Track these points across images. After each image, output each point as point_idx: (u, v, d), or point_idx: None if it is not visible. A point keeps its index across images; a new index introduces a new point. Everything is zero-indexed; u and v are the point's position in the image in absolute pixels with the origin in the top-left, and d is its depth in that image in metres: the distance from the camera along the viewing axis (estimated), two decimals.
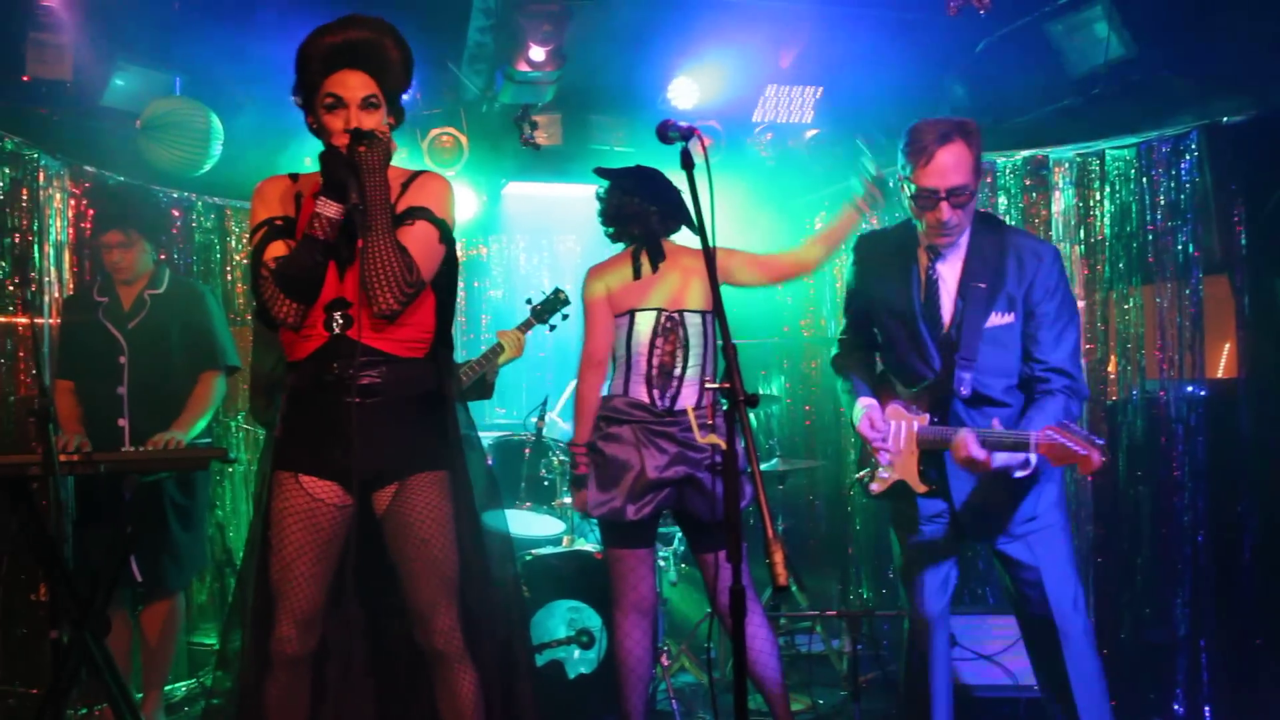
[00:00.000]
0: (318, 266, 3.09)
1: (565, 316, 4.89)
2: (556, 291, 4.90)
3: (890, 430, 3.60)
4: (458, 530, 3.29)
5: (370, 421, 3.16)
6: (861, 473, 3.80)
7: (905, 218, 3.61)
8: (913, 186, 3.38)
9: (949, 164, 3.32)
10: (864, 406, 3.62)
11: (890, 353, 3.69)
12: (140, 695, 4.68)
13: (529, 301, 4.88)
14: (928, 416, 3.51)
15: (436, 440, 3.31)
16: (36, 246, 5.21)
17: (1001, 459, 3.24)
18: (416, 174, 3.32)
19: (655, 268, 4.10)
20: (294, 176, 3.28)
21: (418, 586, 3.23)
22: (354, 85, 3.11)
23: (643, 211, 4.15)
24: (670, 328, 4.06)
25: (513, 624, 3.51)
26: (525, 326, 4.83)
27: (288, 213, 3.19)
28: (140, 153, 5.55)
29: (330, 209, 3.03)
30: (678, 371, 4.04)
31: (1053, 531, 3.53)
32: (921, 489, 3.53)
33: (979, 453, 3.22)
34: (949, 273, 3.49)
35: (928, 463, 3.52)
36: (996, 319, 3.41)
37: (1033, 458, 3.23)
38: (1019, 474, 3.31)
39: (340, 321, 3.13)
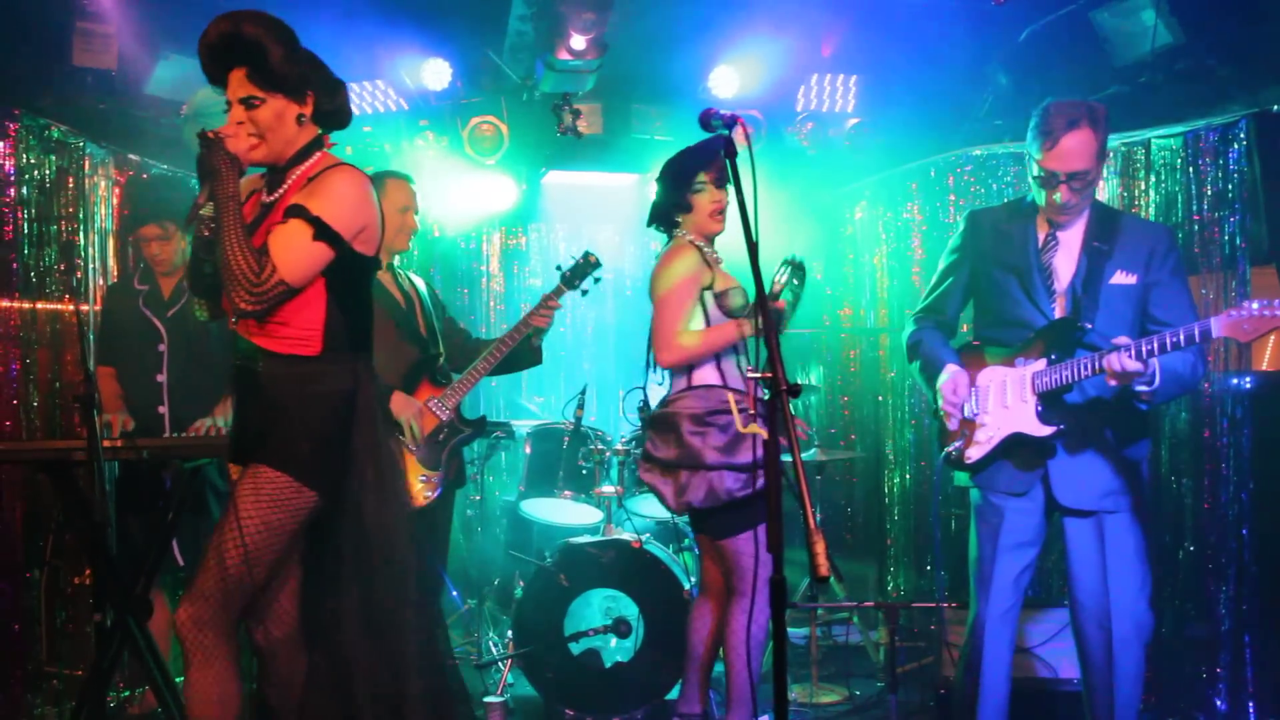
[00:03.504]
0: (199, 263, 3.11)
1: (597, 280, 4.78)
2: (586, 255, 4.79)
3: (989, 391, 3.70)
4: (335, 546, 3.17)
5: (251, 412, 3.16)
6: (950, 446, 3.81)
7: (1014, 196, 3.86)
8: (1038, 168, 3.60)
9: (1072, 149, 3.52)
10: (950, 372, 3.74)
11: (992, 314, 3.82)
12: (181, 679, 4.71)
13: (559, 268, 4.78)
14: (1044, 361, 3.59)
15: (296, 442, 3.14)
16: (82, 234, 5.26)
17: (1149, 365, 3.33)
18: (327, 169, 3.19)
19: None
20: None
21: None
22: (233, 84, 3.09)
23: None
24: None
25: (400, 638, 3.29)
26: (555, 294, 4.73)
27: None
28: (185, 141, 5.55)
29: (208, 208, 3.03)
30: None
31: (1127, 518, 3.60)
32: (1045, 430, 3.57)
33: (1135, 365, 3.28)
34: (1070, 237, 3.69)
35: (1048, 405, 3.58)
36: (1120, 277, 3.60)
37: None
38: (1140, 387, 3.37)
39: (234, 319, 3.12)
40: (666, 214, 4.15)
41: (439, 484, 4.39)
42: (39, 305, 5.05)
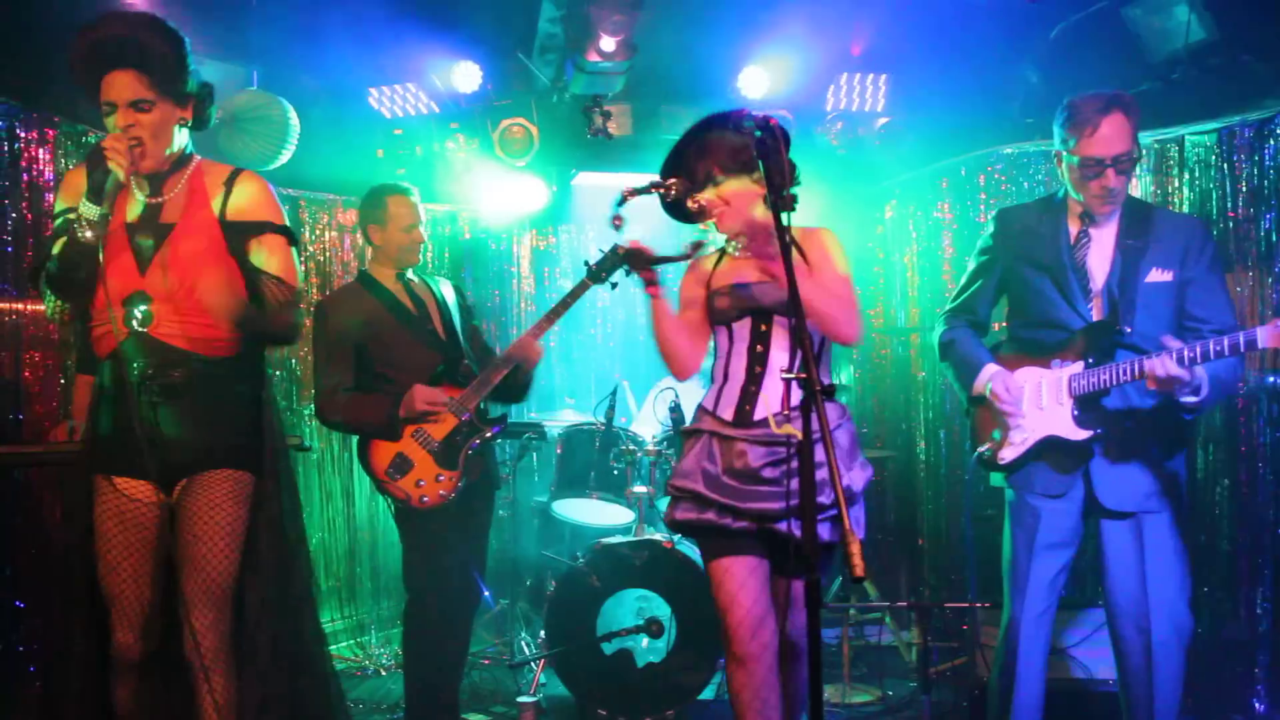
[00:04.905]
0: (78, 268, 3.04)
1: (628, 273, 4.46)
2: (615, 248, 4.54)
3: (1024, 391, 3.69)
4: (255, 535, 3.25)
5: (168, 419, 3.15)
6: (982, 447, 3.82)
7: (1044, 194, 3.87)
8: (1075, 158, 3.57)
9: (1113, 133, 3.52)
10: (990, 373, 3.74)
11: (1027, 315, 3.80)
12: None
13: (586, 263, 4.58)
14: (1081, 364, 3.58)
15: (240, 439, 3.27)
16: None
17: (1197, 374, 3.33)
18: (241, 175, 3.30)
19: None
20: None
21: (182, 585, 3.15)
22: (121, 87, 3.07)
23: None
24: None
25: (305, 637, 3.44)
26: (581, 288, 4.55)
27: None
28: (220, 145, 5.64)
29: (92, 211, 2.99)
30: None
31: (1167, 518, 3.58)
32: (1082, 434, 3.56)
33: (1179, 371, 3.26)
34: (1103, 235, 3.66)
35: (1084, 408, 3.58)
36: (1156, 275, 3.57)
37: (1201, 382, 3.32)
38: (1187, 398, 3.36)
39: (139, 317, 3.12)
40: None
41: (456, 484, 4.38)
42: None
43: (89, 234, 3.00)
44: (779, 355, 3.39)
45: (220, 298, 3.19)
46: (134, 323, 3.13)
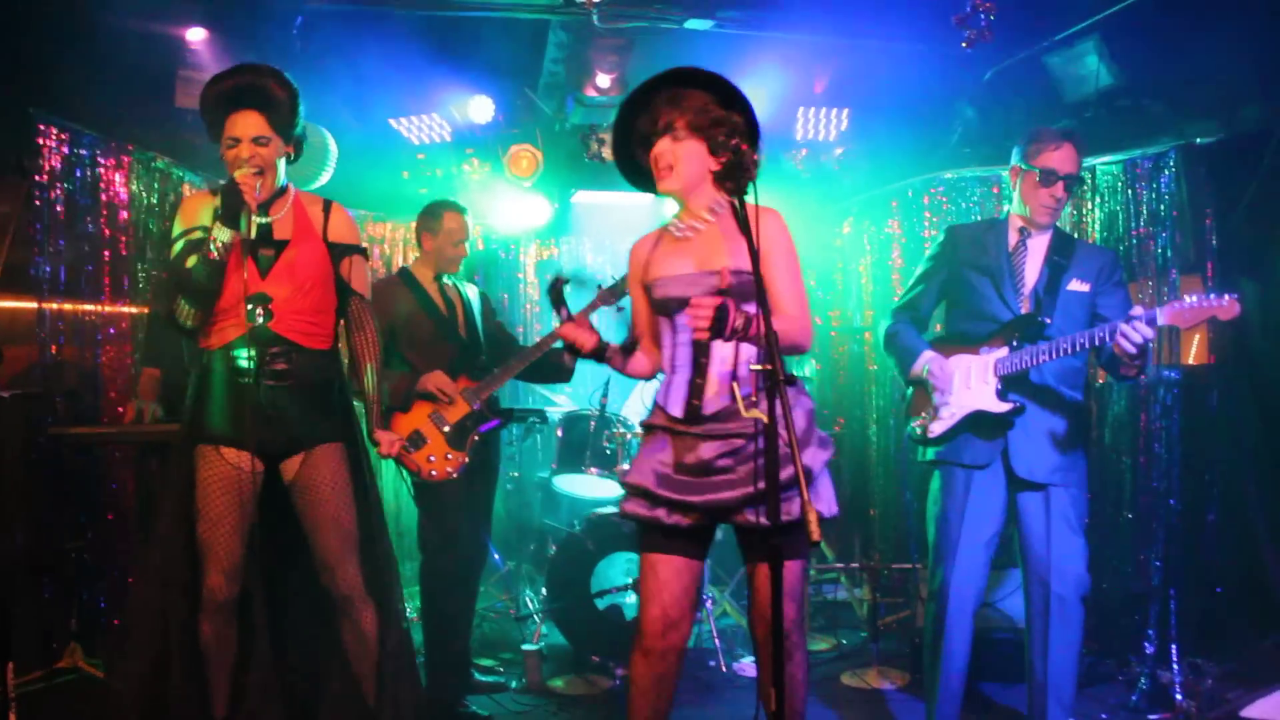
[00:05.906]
0: (213, 280, 3.24)
1: None
2: (624, 277, 4.47)
3: (955, 374, 3.76)
4: (355, 493, 3.47)
5: (280, 400, 3.35)
6: (914, 423, 3.87)
7: (979, 213, 3.88)
8: (1036, 169, 3.72)
9: (1068, 155, 3.71)
10: (927, 358, 3.83)
11: (965, 307, 3.88)
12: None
13: (599, 285, 4.56)
14: (1006, 349, 3.69)
15: (336, 417, 3.49)
16: None
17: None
18: (331, 204, 3.54)
19: None
20: (215, 191, 3.39)
21: (322, 541, 3.38)
22: (246, 125, 3.28)
23: None
24: None
25: (388, 574, 3.63)
26: (589, 308, 4.48)
27: (206, 225, 3.31)
28: None
29: (225, 234, 3.20)
30: None
31: (1070, 493, 3.69)
32: (1004, 407, 3.65)
33: (1149, 330, 3.31)
34: (1036, 247, 3.80)
35: (1007, 385, 3.68)
36: (1076, 285, 3.71)
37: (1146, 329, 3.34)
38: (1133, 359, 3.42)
39: (261, 313, 3.31)
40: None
41: (460, 464, 4.40)
42: (149, 310, 5.15)
43: (223, 251, 3.22)
44: (722, 344, 2.93)
45: (327, 299, 3.47)
46: (257, 318, 3.31)
